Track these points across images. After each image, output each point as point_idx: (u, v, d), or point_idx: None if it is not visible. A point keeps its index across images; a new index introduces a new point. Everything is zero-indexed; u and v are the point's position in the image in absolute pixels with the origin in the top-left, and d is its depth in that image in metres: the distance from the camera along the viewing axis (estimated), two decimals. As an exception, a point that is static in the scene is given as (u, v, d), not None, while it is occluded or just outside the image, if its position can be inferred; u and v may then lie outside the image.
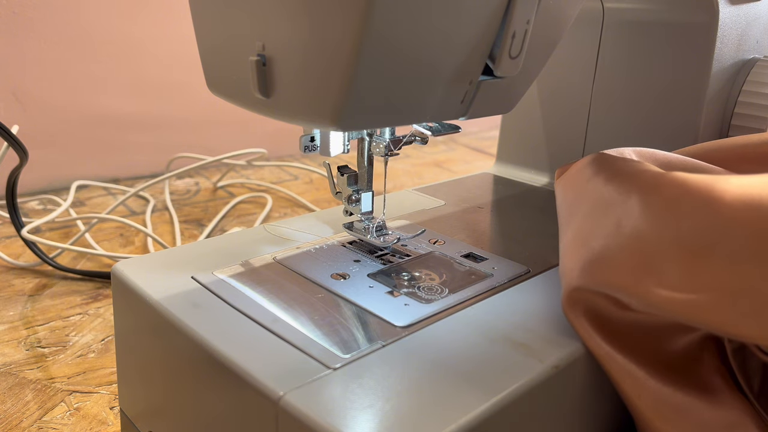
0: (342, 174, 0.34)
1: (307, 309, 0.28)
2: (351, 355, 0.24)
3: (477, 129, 1.18)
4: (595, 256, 0.25)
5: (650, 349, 0.26)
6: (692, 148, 0.34)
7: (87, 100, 0.78)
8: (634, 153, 0.31)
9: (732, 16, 0.40)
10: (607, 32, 0.44)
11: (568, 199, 0.30)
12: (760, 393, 0.29)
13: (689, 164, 0.32)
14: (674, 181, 0.24)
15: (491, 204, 0.44)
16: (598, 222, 0.26)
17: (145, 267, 0.31)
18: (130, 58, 0.80)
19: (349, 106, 0.22)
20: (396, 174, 0.90)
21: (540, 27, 0.26)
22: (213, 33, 0.26)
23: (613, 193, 0.26)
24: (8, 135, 0.49)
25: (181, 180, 0.82)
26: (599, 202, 0.27)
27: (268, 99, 0.24)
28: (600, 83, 0.45)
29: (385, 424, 0.21)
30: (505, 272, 0.33)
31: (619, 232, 0.25)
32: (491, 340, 0.26)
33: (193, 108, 0.86)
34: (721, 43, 0.40)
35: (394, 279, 0.31)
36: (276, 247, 0.34)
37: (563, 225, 0.30)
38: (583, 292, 0.26)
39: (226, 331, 0.26)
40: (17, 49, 0.72)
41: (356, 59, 0.21)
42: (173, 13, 0.81)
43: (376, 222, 0.35)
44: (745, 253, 0.21)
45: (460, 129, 0.34)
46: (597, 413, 0.28)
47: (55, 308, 0.49)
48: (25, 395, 0.39)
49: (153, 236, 0.60)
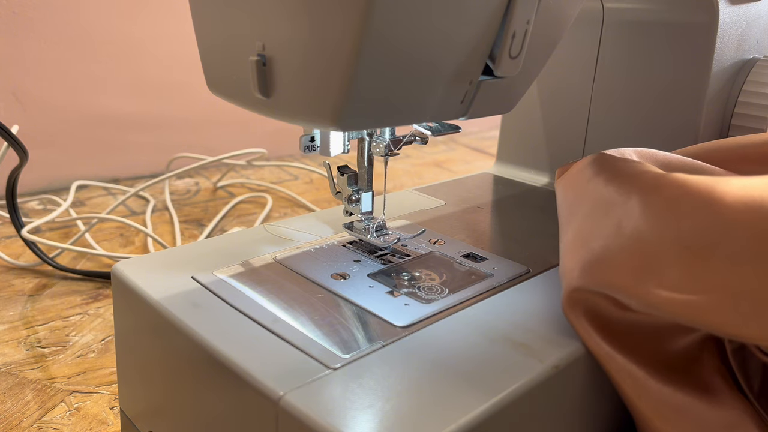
0: (342, 174, 0.34)
1: (307, 309, 0.28)
2: (351, 355, 0.24)
3: (477, 129, 1.18)
4: (595, 256, 0.25)
5: (650, 349, 0.26)
6: (692, 148, 0.34)
7: (87, 100, 0.78)
8: (635, 153, 0.31)
9: (732, 16, 0.40)
10: (607, 32, 0.44)
11: (569, 199, 0.30)
12: (760, 393, 0.29)
13: (690, 165, 0.32)
14: (675, 181, 0.24)
15: (491, 204, 0.44)
16: (599, 222, 0.26)
17: (145, 267, 0.31)
18: (130, 58, 0.80)
19: (349, 106, 0.22)
20: (396, 174, 0.90)
21: (540, 27, 0.26)
22: (213, 33, 0.26)
23: (614, 194, 0.26)
24: (8, 135, 0.49)
25: (181, 180, 0.82)
26: (599, 203, 0.27)
27: (268, 99, 0.24)
28: (600, 83, 0.45)
29: (385, 424, 0.21)
30: (505, 272, 0.33)
31: (620, 232, 0.25)
32: (491, 340, 0.26)
33: (193, 108, 0.86)
34: (721, 43, 0.40)
35: (394, 279, 0.31)
36: (276, 247, 0.34)
37: (563, 225, 0.30)
38: (583, 292, 0.26)
39: (226, 331, 0.26)
40: (17, 49, 0.72)
41: (356, 59, 0.21)
42: (173, 13, 0.81)
43: (376, 222, 0.35)
44: (746, 254, 0.21)
45: (460, 129, 0.34)
46: (597, 413, 0.28)
47: (55, 308, 0.49)
48: (25, 395, 0.39)
49: (153, 236, 0.60)
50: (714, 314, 0.22)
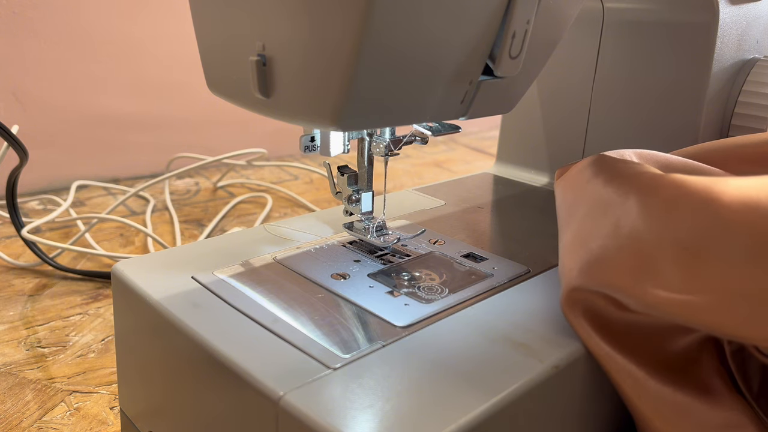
0: (342, 174, 0.34)
1: (307, 309, 0.28)
2: (351, 355, 0.24)
3: (477, 129, 1.18)
4: (594, 256, 0.25)
5: (650, 349, 0.26)
6: (692, 148, 0.34)
7: (87, 100, 0.78)
8: (635, 155, 0.31)
9: (732, 16, 0.40)
10: (607, 32, 0.44)
11: (568, 200, 0.30)
12: (759, 394, 0.29)
13: (689, 166, 0.32)
14: (673, 182, 0.24)
15: (491, 204, 0.44)
16: (597, 223, 0.26)
17: (145, 267, 0.31)
18: (130, 58, 0.80)
19: (349, 106, 0.22)
20: (396, 174, 0.90)
21: (540, 27, 0.26)
22: (213, 33, 0.26)
23: (612, 194, 0.26)
24: (8, 135, 0.49)
25: (181, 180, 0.82)
26: (598, 203, 0.27)
27: (268, 99, 0.24)
28: (600, 83, 0.45)
29: (385, 424, 0.21)
30: (505, 272, 0.33)
31: (618, 232, 0.25)
32: (491, 340, 0.26)
33: (193, 108, 0.86)
34: (721, 43, 0.40)
35: (394, 279, 0.31)
36: (276, 247, 0.34)
37: (563, 226, 0.30)
38: (582, 292, 0.26)
39: (226, 331, 0.26)
40: (17, 49, 0.72)
41: (356, 59, 0.21)
42: (173, 13, 0.81)
43: (376, 222, 0.35)
44: (743, 254, 0.21)
45: (460, 129, 0.34)
46: (597, 413, 0.28)
47: (55, 308, 0.49)
48: (25, 395, 0.39)
49: (153, 236, 0.60)
50: (712, 314, 0.22)
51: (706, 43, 0.40)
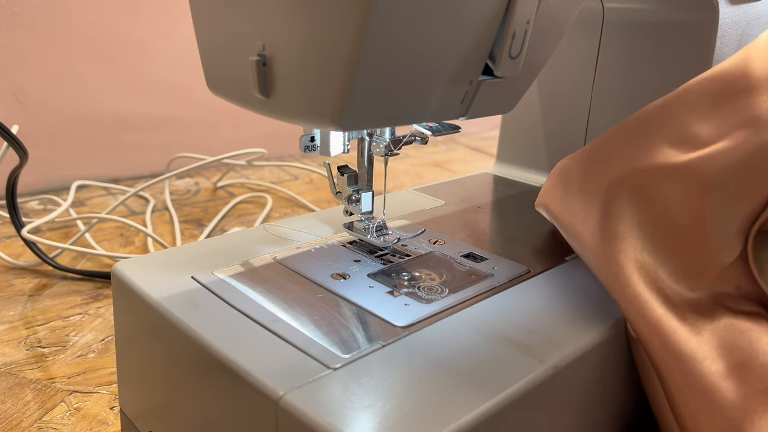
0: (342, 174, 0.34)
1: (307, 309, 0.28)
2: (351, 355, 0.24)
3: (477, 129, 1.18)
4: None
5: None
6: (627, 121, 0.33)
7: (87, 100, 0.78)
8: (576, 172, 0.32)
9: (732, 16, 0.40)
10: (607, 32, 0.44)
11: (555, 213, 0.31)
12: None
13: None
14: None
15: (491, 204, 0.44)
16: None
17: (145, 267, 0.31)
18: (130, 58, 0.80)
19: (349, 106, 0.22)
20: (396, 174, 0.90)
21: (540, 27, 0.26)
22: (213, 33, 0.26)
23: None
24: (8, 135, 0.49)
25: (181, 180, 0.82)
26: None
27: (268, 99, 0.24)
28: (600, 83, 0.45)
29: (385, 424, 0.21)
30: (505, 272, 0.33)
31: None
32: (491, 340, 0.26)
33: (193, 108, 0.86)
34: (721, 43, 0.40)
35: (394, 279, 0.31)
36: (276, 247, 0.34)
37: (568, 227, 0.30)
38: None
39: (226, 331, 0.26)
40: (17, 49, 0.72)
41: (356, 59, 0.21)
42: (173, 13, 0.81)
43: (376, 222, 0.35)
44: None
45: (460, 129, 0.34)
46: (597, 413, 0.28)
47: (55, 308, 0.49)
48: (25, 395, 0.39)
49: (153, 236, 0.60)
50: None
51: (706, 43, 0.40)
